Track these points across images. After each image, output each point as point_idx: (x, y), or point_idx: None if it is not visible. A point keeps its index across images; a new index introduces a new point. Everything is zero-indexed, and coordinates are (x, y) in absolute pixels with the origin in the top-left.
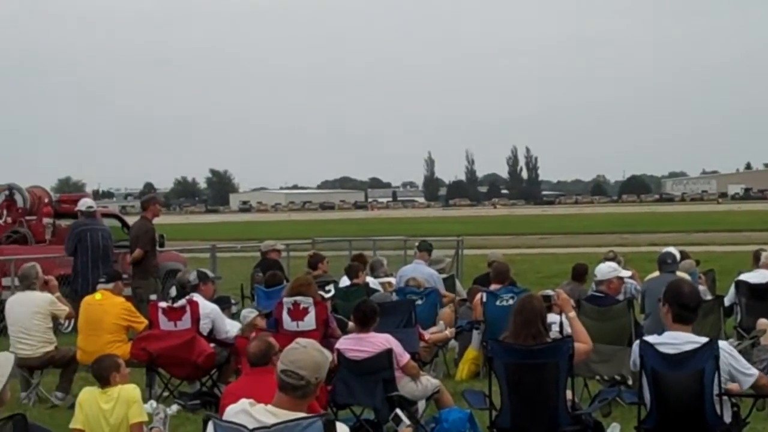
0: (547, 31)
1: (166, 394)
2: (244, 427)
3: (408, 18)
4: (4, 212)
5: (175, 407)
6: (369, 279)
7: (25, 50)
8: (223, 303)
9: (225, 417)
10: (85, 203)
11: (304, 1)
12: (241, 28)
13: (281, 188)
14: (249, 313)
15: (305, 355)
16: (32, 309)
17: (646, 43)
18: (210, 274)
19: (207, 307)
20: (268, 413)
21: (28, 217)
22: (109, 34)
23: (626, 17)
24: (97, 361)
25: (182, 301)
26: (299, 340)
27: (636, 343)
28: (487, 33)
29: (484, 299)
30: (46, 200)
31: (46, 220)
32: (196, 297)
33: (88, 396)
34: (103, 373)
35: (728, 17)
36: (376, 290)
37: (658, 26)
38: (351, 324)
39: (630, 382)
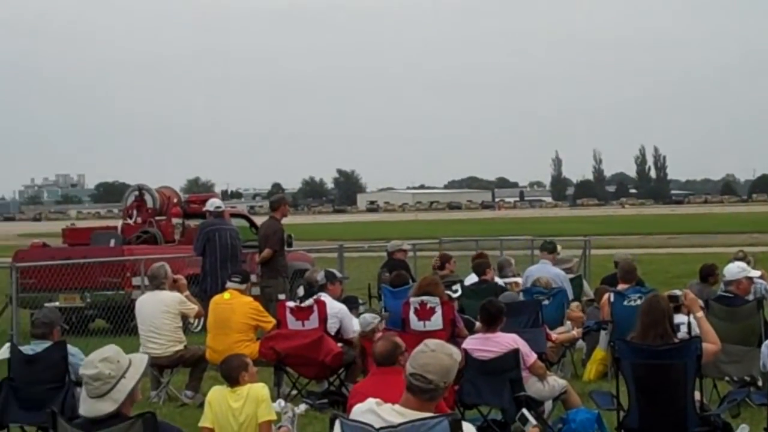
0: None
1: (294, 393)
2: (371, 426)
3: (530, 16)
4: (135, 212)
5: (303, 406)
6: (496, 279)
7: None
8: (351, 303)
9: (352, 416)
10: (213, 203)
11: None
12: (385, 33)
13: (408, 188)
14: (373, 319)
15: (434, 359)
16: (162, 308)
17: None
18: (337, 274)
19: (335, 307)
20: (395, 413)
21: (157, 218)
22: (243, 36)
23: None
24: (225, 361)
25: (310, 301)
26: (428, 342)
27: (765, 344)
28: (612, 27)
29: (612, 299)
30: (175, 200)
31: (175, 221)
32: (324, 297)
33: (218, 394)
34: (232, 373)
35: None
36: (505, 289)
37: None
38: (478, 324)
39: (760, 384)
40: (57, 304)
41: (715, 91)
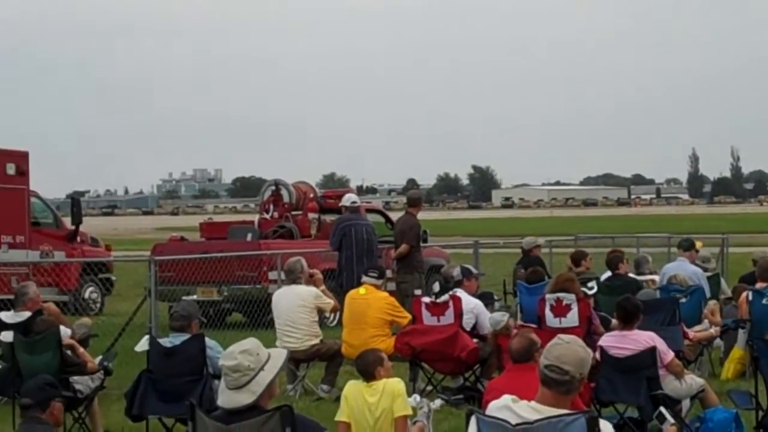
0: None
1: (429, 388)
2: (508, 422)
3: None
4: (271, 207)
5: (438, 402)
6: (631, 275)
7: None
8: (486, 299)
9: (487, 412)
10: (349, 198)
11: None
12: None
13: (543, 184)
14: (502, 317)
15: (569, 350)
16: (298, 302)
17: None
18: (473, 270)
19: (470, 303)
20: (530, 409)
21: (294, 212)
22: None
23: None
24: (361, 356)
25: (445, 297)
26: (561, 335)
27: None
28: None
29: (750, 298)
30: (312, 195)
31: (311, 215)
32: (459, 292)
33: (354, 389)
34: (368, 368)
35: None
36: (640, 284)
37: None
38: (614, 321)
39: None
40: (194, 297)
41: None
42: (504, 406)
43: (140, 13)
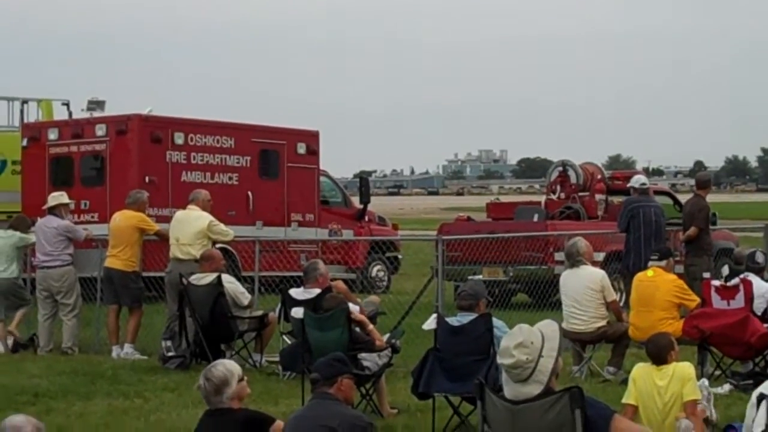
0: None
1: (717, 372)
2: None
3: None
4: (558, 188)
5: (727, 386)
6: None
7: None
8: None
9: None
10: (638, 180)
11: None
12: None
13: None
14: None
15: None
16: (586, 284)
17: None
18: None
19: (762, 287)
20: None
21: (581, 194)
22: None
23: None
24: (652, 341)
25: (736, 280)
26: None
27: None
28: None
29: None
30: (599, 177)
31: (598, 197)
32: (751, 276)
33: (642, 372)
34: (661, 353)
35: None
36: None
37: None
38: None
39: None
40: (480, 277)
41: None
42: None
43: None
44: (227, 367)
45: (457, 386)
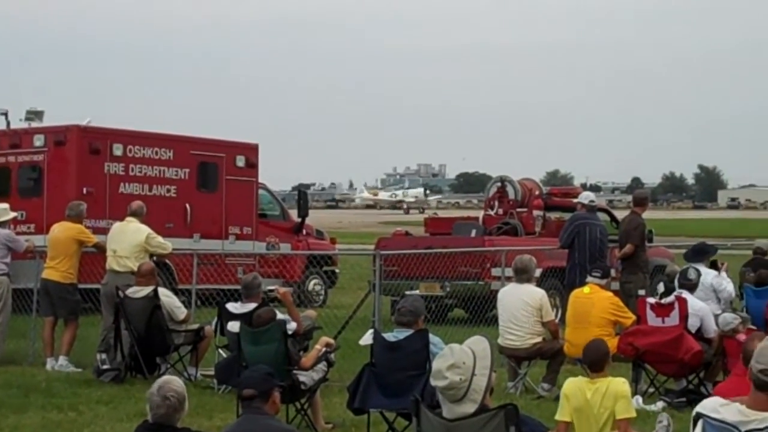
0: None
1: (651, 390)
2: (736, 428)
3: None
4: (496, 203)
5: (660, 404)
6: None
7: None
8: None
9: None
10: (587, 196)
11: None
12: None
13: None
14: (733, 319)
15: None
16: (524, 301)
17: None
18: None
19: (696, 305)
20: (739, 413)
21: (518, 209)
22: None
23: None
24: (592, 348)
25: (671, 298)
26: None
27: None
28: None
29: None
30: (537, 192)
31: (536, 212)
32: (685, 294)
33: (574, 387)
34: (601, 360)
35: None
36: None
37: None
38: None
39: None
40: (417, 292)
41: None
42: (713, 409)
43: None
44: (180, 383)
45: (393, 402)
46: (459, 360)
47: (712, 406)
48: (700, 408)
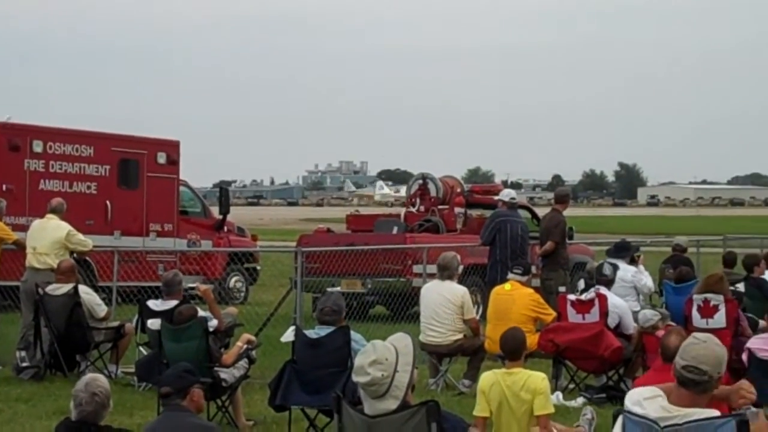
0: None
1: (571, 386)
2: (656, 424)
3: None
4: (418, 201)
5: (580, 400)
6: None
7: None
8: None
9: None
10: (508, 194)
11: None
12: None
13: (690, 183)
14: (653, 316)
15: (706, 349)
16: (446, 298)
17: None
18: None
19: (615, 302)
20: (662, 409)
21: (440, 206)
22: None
23: None
24: (510, 336)
25: (591, 294)
26: (697, 334)
27: None
28: None
29: None
30: (458, 190)
31: (457, 210)
32: (604, 290)
33: (490, 380)
34: (519, 348)
35: None
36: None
37: None
38: (762, 323)
39: None
40: (339, 289)
41: None
42: (636, 402)
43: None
44: (106, 380)
45: (314, 399)
46: (381, 356)
47: (636, 398)
48: (626, 400)
